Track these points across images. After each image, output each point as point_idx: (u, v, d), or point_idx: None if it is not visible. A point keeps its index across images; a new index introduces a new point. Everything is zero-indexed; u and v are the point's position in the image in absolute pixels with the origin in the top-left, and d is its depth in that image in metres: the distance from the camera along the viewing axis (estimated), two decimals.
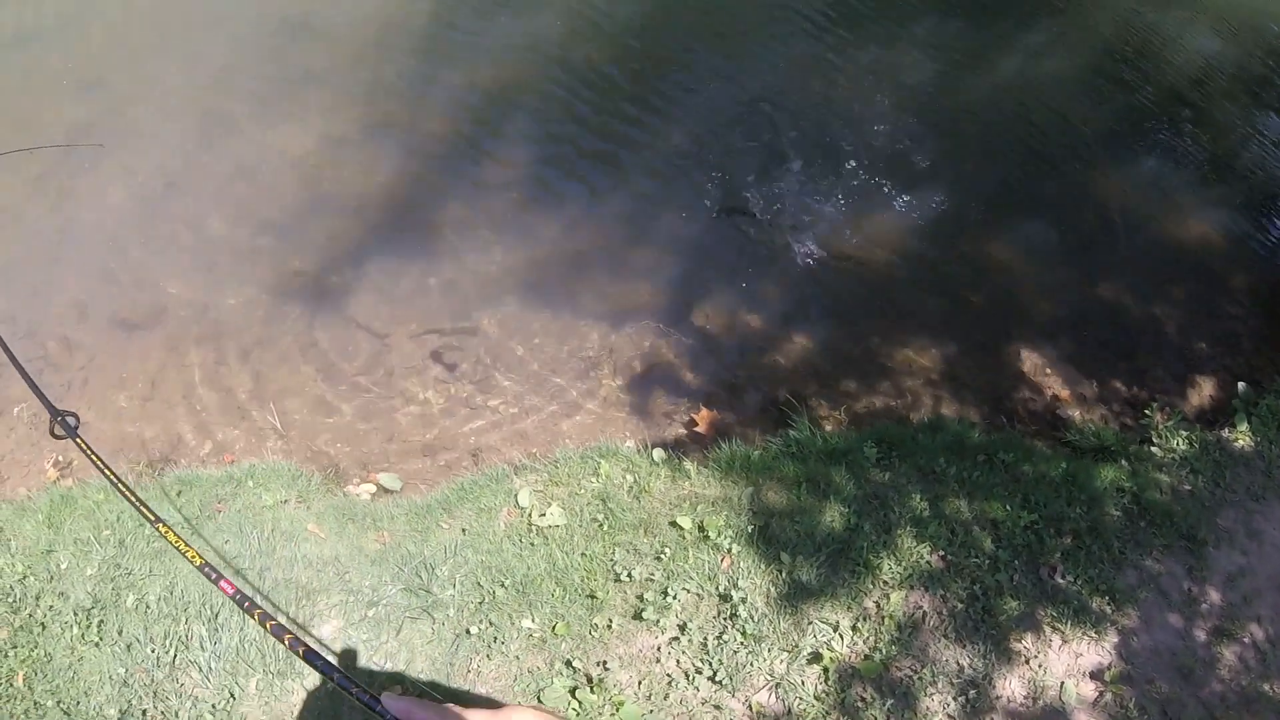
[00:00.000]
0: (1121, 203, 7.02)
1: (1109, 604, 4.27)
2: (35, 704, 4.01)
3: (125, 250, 6.52)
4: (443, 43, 8.30)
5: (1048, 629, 4.19)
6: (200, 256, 6.48)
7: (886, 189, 6.98)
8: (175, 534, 1.82)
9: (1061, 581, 4.35)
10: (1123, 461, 5.02)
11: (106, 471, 2.09)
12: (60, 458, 5.45)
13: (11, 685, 4.08)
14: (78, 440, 2.24)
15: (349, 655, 4.17)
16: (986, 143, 7.48)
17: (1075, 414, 5.63)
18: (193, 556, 1.68)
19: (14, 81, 8.11)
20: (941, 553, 4.40)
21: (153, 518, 1.89)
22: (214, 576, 1.62)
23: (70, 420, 2.40)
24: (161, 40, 8.47)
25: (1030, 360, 5.90)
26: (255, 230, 6.72)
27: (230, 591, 1.59)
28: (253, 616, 1.51)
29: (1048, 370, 5.85)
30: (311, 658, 1.38)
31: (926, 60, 8.21)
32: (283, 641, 1.47)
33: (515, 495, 4.75)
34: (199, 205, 6.88)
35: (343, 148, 7.35)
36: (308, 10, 8.63)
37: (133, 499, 1.98)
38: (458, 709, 1.20)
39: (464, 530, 4.64)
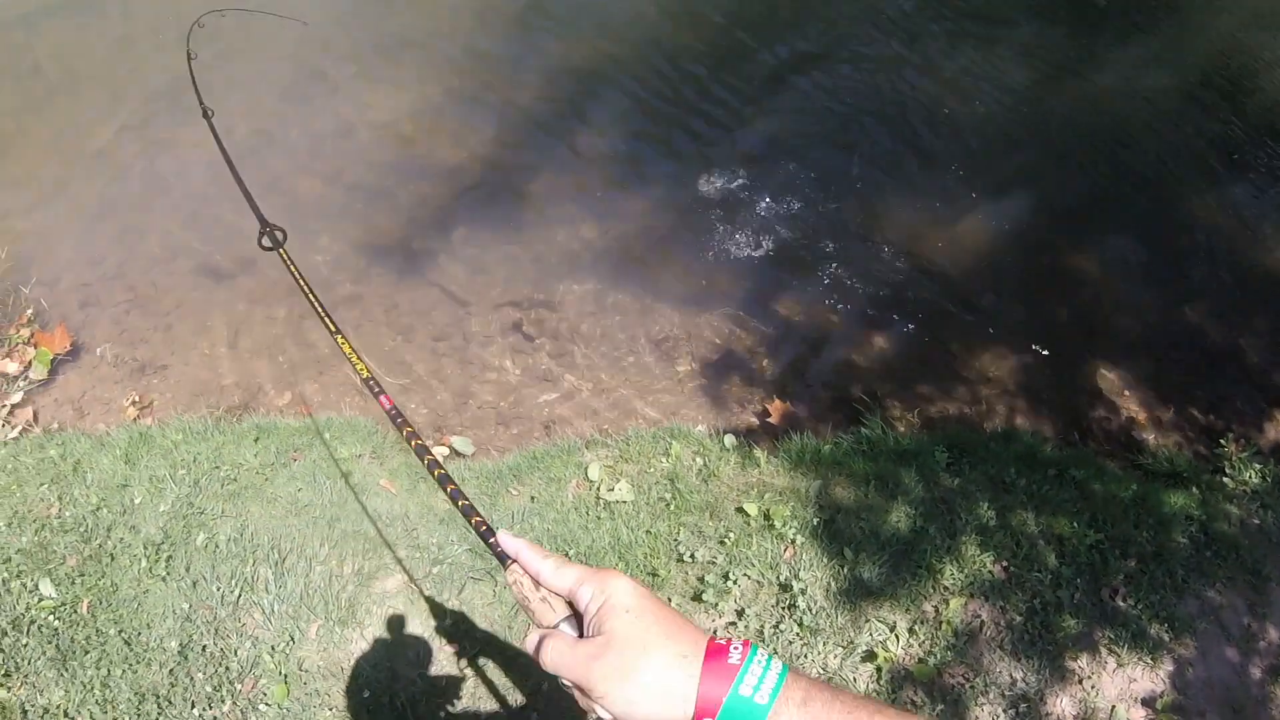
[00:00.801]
0: (1211, 227, 6.89)
1: (1167, 631, 4.21)
2: (97, 631, 4.11)
3: (217, 201, 6.64)
4: (541, 17, 8.37)
5: (1104, 650, 4.14)
6: (290, 212, 6.57)
7: (973, 194, 6.93)
8: (350, 346, 1.94)
9: (1122, 604, 4.30)
10: (1193, 489, 4.94)
11: (302, 281, 2.22)
12: (139, 396, 5.57)
13: (75, 611, 4.18)
14: (282, 252, 2.42)
15: (407, 612, 4.23)
16: (1077, 155, 7.38)
17: (1150, 437, 5.55)
18: (361, 369, 1.80)
19: (115, 28, 8.29)
20: (1004, 564, 4.38)
21: (333, 329, 2.00)
22: (376, 390, 1.74)
23: (278, 234, 2.56)
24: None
25: (1108, 378, 5.82)
26: (346, 190, 6.83)
27: (387, 406, 1.69)
28: (401, 433, 1.59)
29: (1125, 390, 5.78)
30: (444, 480, 1.44)
31: (1023, 68, 8.11)
32: (423, 461, 1.53)
33: (585, 468, 4.80)
34: (292, 161, 7.00)
35: (437, 114, 7.44)
36: None
37: (320, 309, 2.08)
38: (561, 559, 1.24)
39: (532, 498, 4.70)
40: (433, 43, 8.07)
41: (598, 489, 4.68)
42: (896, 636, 4.08)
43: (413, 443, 1.59)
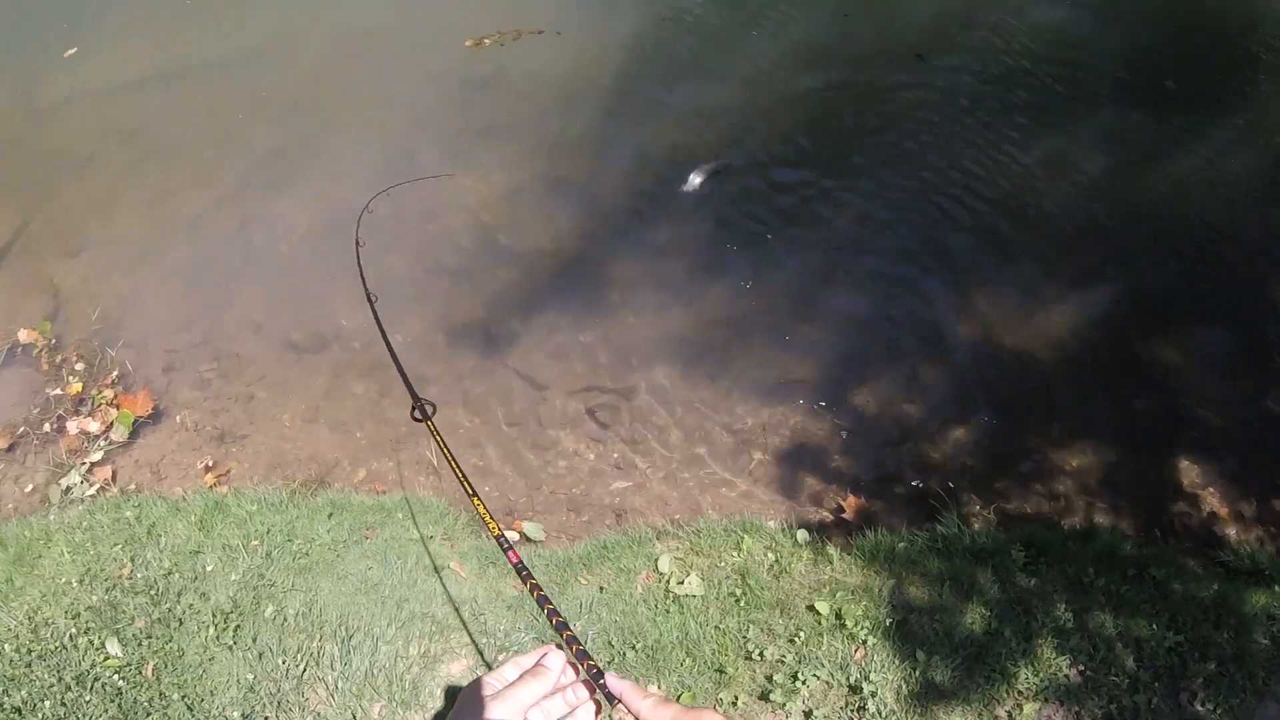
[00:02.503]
0: None
1: None
2: (160, 694, 4.16)
3: (304, 276, 6.79)
4: (626, 105, 8.46)
5: None
6: (374, 291, 6.66)
7: (1054, 284, 6.82)
8: (485, 507, 2.02)
9: (1200, 709, 4.16)
10: (1276, 588, 4.76)
11: (446, 451, 2.37)
12: (216, 464, 5.67)
13: (140, 673, 4.24)
14: (429, 423, 2.60)
15: None
16: (1160, 243, 7.23)
17: (1231, 532, 5.39)
18: (494, 529, 1.91)
19: (214, 100, 8.55)
20: (1081, 667, 4.26)
21: (471, 491, 2.11)
22: (505, 546, 1.84)
23: (428, 407, 2.71)
24: (357, 78, 8.83)
25: (1190, 473, 5.67)
26: (429, 271, 6.94)
27: (515, 561, 1.78)
28: (525, 585, 1.69)
29: (1208, 484, 5.61)
30: (562, 628, 1.53)
31: (1103, 154, 7.98)
32: (543, 610, 1.61)
33: (655, 560, 4.77)
34: (379, 241, 7.09)
35: (520, 200, 7.54)
36: (501, 64, 8.90)
37: (460, 474, 2.21)
38: (659, 699, 1.30)
39: (601, 588, 4.68)
40: (518, 129, 8.19)
41: (667, 581, 4.64)
42: None
43: (535, 593, 1.66)
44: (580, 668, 1.42)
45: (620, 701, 1.33)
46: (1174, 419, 6.01)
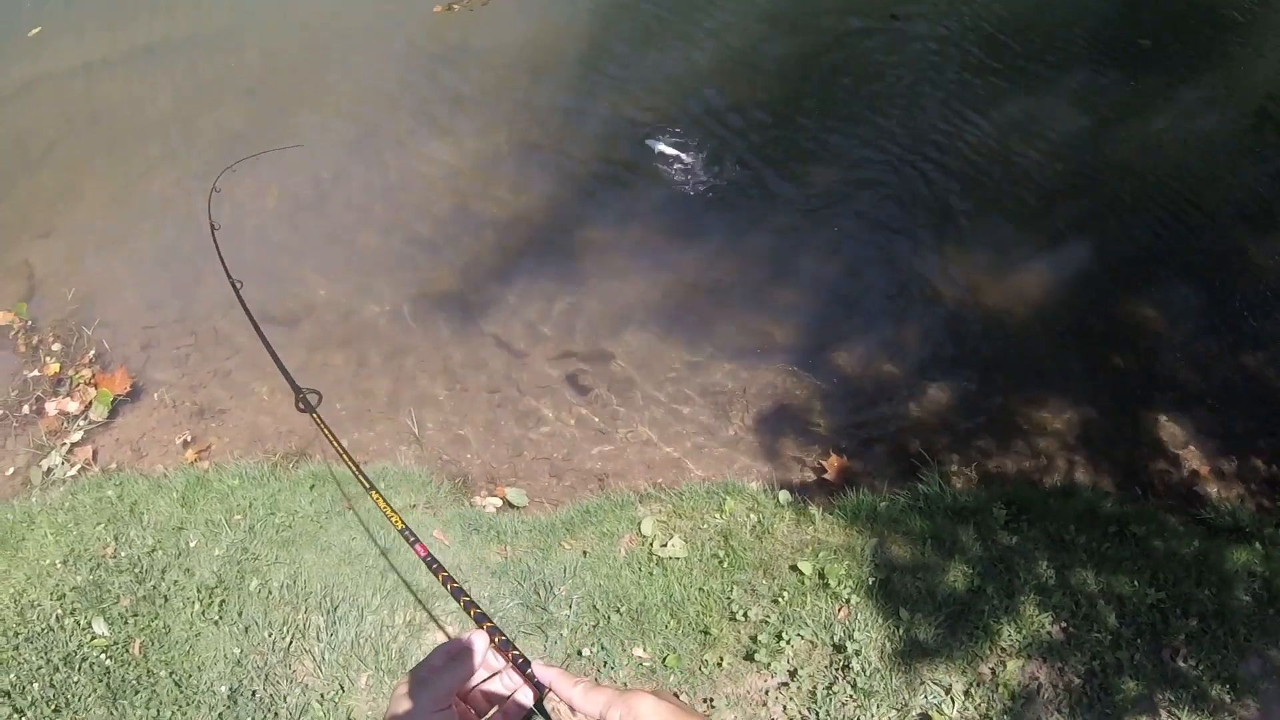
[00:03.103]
0: (1272, 271, 6.75)
1: (1229, 693, 4.09)
2: (148, 672, 4.16)
3: (278, 252, 6.74)
4: (594, 73, 8.40)
5: (1164, 713, 4.03)
6: (349, 263, 6.67)
7: (1030, 244, 6.85)
8: (384, 500, 2.03)
9: (1183, 665, 4.19)
10: (1256, 544, 4.78)
11: (336, 444, 2.37)
12: (196, 440, 5.64)
13: (127, 651, 4.24)
14: (315, 415, 2.58)
15: None
16: (1135, 202, 7.26)
17: (1212, 490, 5.42)
18: (396, 522, 1.90)
19: (180, 81, 8.46)
20: (1063, 624, 4.29)
21: (368, 485, 2.11)
22: (412, 540, 1.85)
23: (312, 397, 2.74)
24: (317, 55, 8.75)
25: (1170, 430, 5.70)
26: (403, 242, 6.90)
27: (423, 554, 1.79)
28: (438, 577, 1.69)
29: (1188, 442, 5.64)
30: (481, 619, 1.48)
31: (1077, 113, 7.99)
32: (459, 602, 1.59)
33: (638, 523, 4.78)
34: (351, 214, 7.09)
35: (492, 168, 7.49)
36: (468, 32, 8.85)
37: (354, 467, 2.23)
38: (590, 683, 1.29)
39: (585, 553, 4.68)
40: (489, 99, 8.12)
41: (650, 544, 4.66)
42: (952, 699, 4.01)
43: (448, 586, 1.66)
44: (507, 658, 1.41)
45: (550, 690, 1.33)
46: (1152, 376, 6.04)
